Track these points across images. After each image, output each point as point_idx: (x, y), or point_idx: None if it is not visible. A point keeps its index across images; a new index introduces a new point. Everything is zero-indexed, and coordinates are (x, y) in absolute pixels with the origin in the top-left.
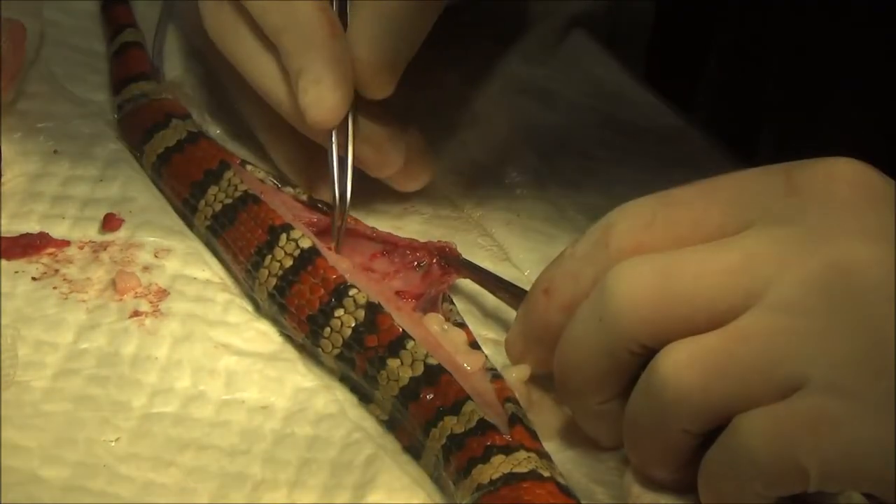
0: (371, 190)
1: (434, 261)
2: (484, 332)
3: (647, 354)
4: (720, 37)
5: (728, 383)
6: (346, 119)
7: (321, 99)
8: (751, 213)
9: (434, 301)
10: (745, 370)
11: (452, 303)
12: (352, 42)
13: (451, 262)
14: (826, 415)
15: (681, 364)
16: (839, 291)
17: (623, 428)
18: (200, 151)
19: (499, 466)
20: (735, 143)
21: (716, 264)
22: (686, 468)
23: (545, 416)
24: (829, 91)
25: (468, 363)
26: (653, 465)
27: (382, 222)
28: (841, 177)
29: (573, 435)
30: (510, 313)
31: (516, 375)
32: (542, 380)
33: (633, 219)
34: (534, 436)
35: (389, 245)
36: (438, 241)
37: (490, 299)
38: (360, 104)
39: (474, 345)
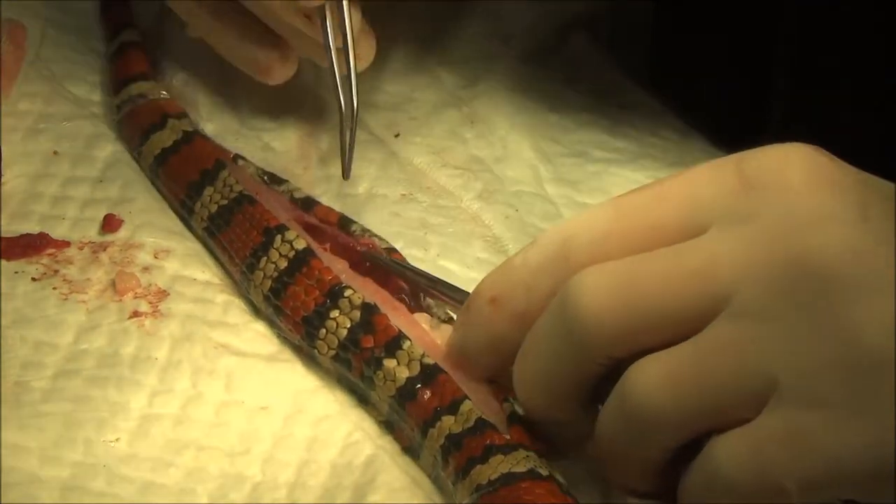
0: (371, 177)
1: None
2: None
3: (614, 364)
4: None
5: (701, 398)
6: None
7: None
8: (708, 214)
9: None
10: (717, 384)
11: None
12: None
13: (376, 262)
14: (801, 429)
15: (653, 382)
16: (801, 288)
17: (595, 444)
18: (196, 151)
19: (497, 466)
20: (737, 143)
21: (679, 270)
22: (665, 476)
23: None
24: (834, 91)
25: None
26: (631, 480)
27: (381, 209)
28: (793, 164)
29: None
30: None
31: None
32: None
33: (592, 230)
34: (533, 434)
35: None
36: (361, 240)
37: None
38: None
39: None
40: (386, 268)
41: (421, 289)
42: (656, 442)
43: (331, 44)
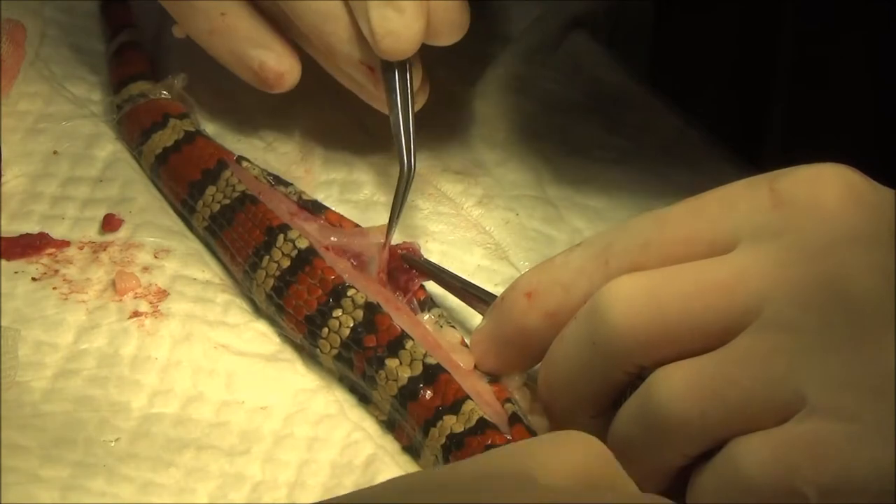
0: (372, 183)
1: (396, 265)
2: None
3: (641, 372)
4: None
5: (726, 408)
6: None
7: (406, 28)
8: (739, 228)
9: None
10: (742, 394)
11: (437, 305)
12: None
13: (414, 264)
14: (825, 439)
15: (677, 389)
16: (833, 306)
17: (609, 444)
18: (198, 151)
19: None
20: (738, 143)
21: (708, 283)
22: (673, 479)
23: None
24: (836, 90)
25: (464, 363)
26: (644, 483)
27: (381, 216)
28: (826, 184)
29: None
30: (473, 315)
31: (513, 384)
32: None
33: (632, 238)
34: (534, 435)
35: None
36: (401, 244)
37: (454, 302)
38: None
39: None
40: (422, 270)
41: (454, 291)
42: (675, 448)
43: (397, 103)
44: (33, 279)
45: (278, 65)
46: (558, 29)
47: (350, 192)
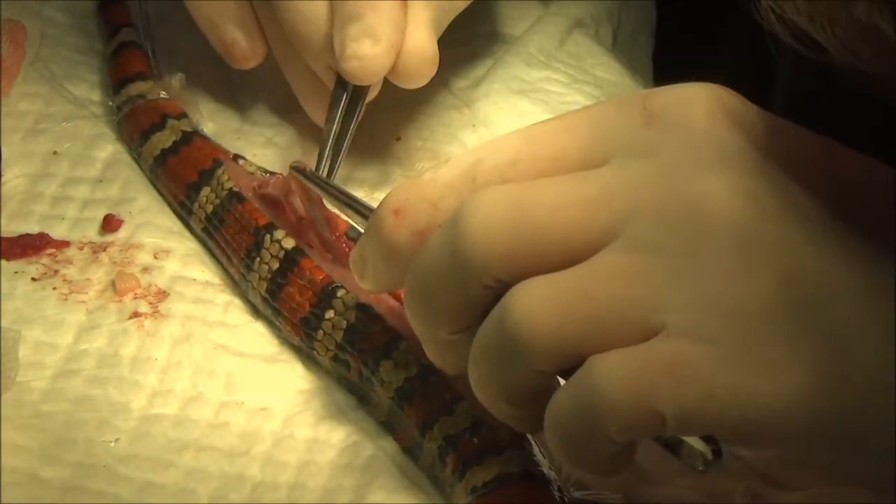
0: (372, 181)
1: (291, 185)
2: None
3: (501, 287)
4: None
5: (582, 324)
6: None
7: (374, 58)
8: (610, 146)
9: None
10: (599, 311)
11: None
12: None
13: (305, 175)
14: (684, 359)
15: (533, 303)
16: (695, 228)
17: (469, 362)
18: (195, 151)
19: (492, 467)
20: None
21: (572, 198)
22: (532, 404)
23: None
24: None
25: None
26: (499, 402)
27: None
28: (697, 104)
29: None
30: None
31: None
32: None
33: (501, 154)
34: (529, 433)
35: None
36: (295, 161)
37: None
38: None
39: None
40: (315, 184)
41: (340, 207)
42: (530, 363)
43: (336, 118)
44: (33, 279)
45: (249, 47)
46: (560, 29)
47: (351, 189)
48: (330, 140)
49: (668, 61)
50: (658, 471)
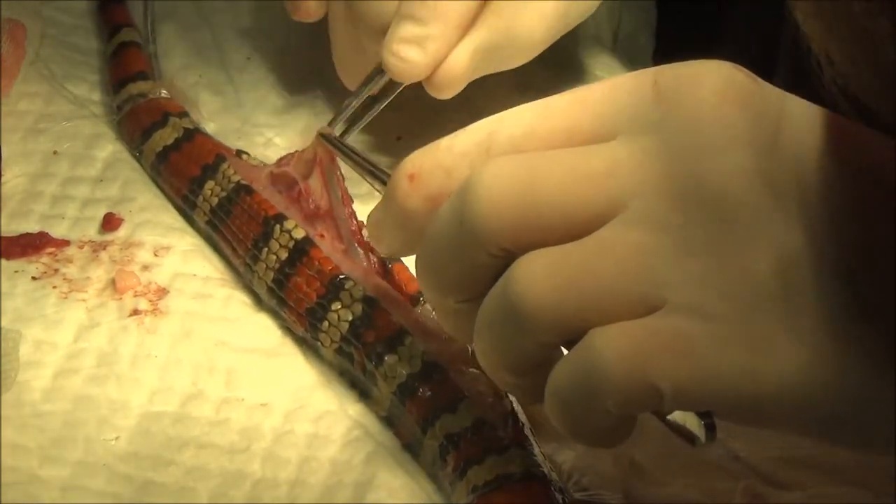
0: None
1: (317, 151)
2: None
3: (508, 257)
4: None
5: (584, 298)
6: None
7: (416, 66)
8: (620, 121)
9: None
10: (602, 285)
11: None
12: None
13: (331, 141)
14: (684, 335)
15: (536, 275)
16: (700, 207)
17: (475, 331)
18: (198, 147)
19: (493, 466)
20: None
21: (579, 171)
22: (535, 375)
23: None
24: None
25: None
26: (502, 372)
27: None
28: (707, 81)
29: None
30: None
31: None
32: None
33: (516, 126)
34: (531, 434)
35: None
36: (322, 127)
37: None
38: None
39: None
40: (336, 147)
41: (361, 173)
42: (531, 335)
43: (363, 93)
44: (33, 278)
45: (316, 4)
46: None
47: (352, 187)
48: (348, 111)
49: (668, 61)
50: (658, 471)
